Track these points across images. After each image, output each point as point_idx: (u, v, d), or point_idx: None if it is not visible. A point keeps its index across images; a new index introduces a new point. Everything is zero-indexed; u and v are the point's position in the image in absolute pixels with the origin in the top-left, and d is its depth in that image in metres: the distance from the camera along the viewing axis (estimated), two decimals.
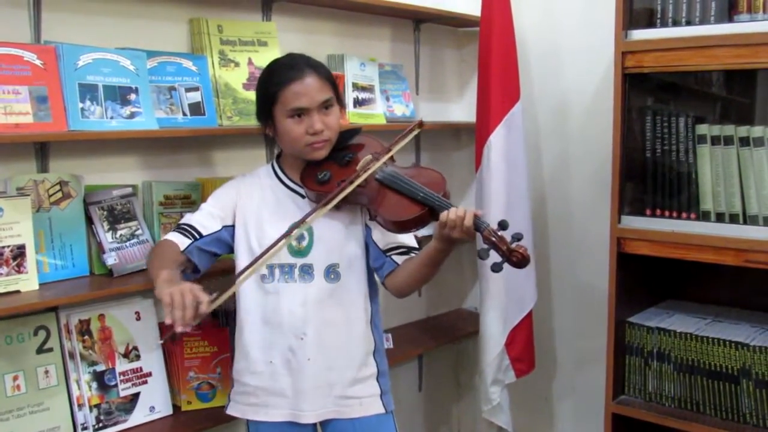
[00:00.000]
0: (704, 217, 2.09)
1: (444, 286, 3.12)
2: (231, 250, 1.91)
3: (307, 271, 1.85)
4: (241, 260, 1.86)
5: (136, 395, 2.00)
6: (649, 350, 2.22)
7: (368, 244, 1.90)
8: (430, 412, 3.13)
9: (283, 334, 1.84)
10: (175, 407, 2.09)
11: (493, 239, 1.62)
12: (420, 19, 2.85)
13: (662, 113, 2.17)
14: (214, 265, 1.92)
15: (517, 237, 1.62)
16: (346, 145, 1.91)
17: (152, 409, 2.03)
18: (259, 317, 1.86)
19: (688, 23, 2.09)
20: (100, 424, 1.92)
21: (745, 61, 1.97)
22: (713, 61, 2.03)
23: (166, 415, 2.06)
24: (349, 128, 1.97)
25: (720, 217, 2.06)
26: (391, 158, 1.87)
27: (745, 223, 2.02)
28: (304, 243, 1.86)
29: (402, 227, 1.77)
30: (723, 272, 2.12)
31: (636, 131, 2.22)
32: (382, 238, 1.88)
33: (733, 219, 2.04)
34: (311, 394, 1.85)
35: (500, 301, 2.62)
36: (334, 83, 1.87)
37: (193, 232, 1.84)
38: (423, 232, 1.86)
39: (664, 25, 2.14)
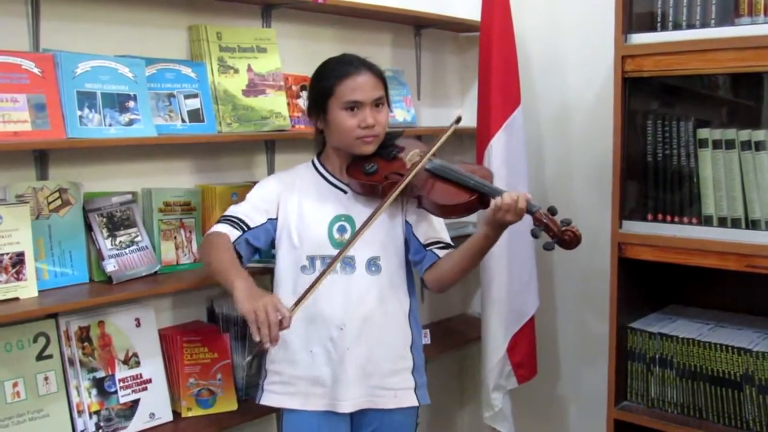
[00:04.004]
0: (706, 221, 2.08)
1: (447, 291, 3.11)
2: (273, 244, 1.95)
3: (348, 263, 1.89)
4: (282, 253, 1.92)
5: (136, 402, 2.00)
6: (651, 356, 2.20)
7: (408, 240, 1.95)
8: (433, 418, 3.12)
9: (324, 324, 1.87)
10: (175, 414, 2.09)
11: (545, 221, 1.71)
12: (421, 24, 2.84)
13: (663, 117, 2.16)
14: None
15: (567, 221, 1.71)
16: (389, 144, 1.98)
17: (152, 415, 2.03)
18: (300, 308, 1.86)
19: (689, 27, 2.08)
20: (100, 431, 1.92)
21: (747, 65, 1.96)
22: (714, 65, 2.02)
23: (166, 421, 2.05)
24: (391, 130, 2.02)
25: (722, 222, 2.05)
26: (434, 155, 1.95)
27: (747, 227, 2.01)
28: (347, 235, 1.89)
29: (452, 212, 1.85)
30: (725, 277, 2.10)
31: (637, 135, 2.21)
32: (423, 233, 1.94)
33: (736, 224, 2.02)
34: (350, 383, 1.88)
35: (502, 306, 2.62)
36: (386, 85, 1.94)
37: (241, 224, 1.88)
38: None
39: (664, 28, 2.12)
